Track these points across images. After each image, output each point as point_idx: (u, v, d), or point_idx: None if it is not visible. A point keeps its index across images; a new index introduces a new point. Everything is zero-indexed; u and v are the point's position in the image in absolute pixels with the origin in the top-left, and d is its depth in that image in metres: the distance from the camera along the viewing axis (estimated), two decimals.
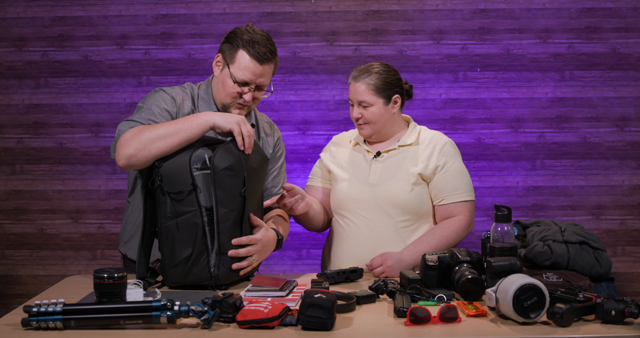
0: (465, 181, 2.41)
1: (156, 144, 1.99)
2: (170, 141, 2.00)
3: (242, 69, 2.19)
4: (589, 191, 3.51)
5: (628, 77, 3.48)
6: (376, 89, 2.36)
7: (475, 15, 3.49)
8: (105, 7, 3.52)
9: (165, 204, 2.00)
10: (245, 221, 2.04)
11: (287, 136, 3.52)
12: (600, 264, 2.06)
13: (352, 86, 2.40)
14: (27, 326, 1.67)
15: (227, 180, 1.98)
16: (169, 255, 2.01)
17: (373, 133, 2.40)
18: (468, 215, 2.36)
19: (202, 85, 2.32)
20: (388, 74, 2.39)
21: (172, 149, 2.01)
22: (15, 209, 3.59)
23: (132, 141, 2.01)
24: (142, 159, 2.00)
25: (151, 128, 2.04)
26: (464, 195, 2.37)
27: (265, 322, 1.65)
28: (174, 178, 1.99)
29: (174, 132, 2.01)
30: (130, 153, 2.00)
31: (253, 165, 2.04)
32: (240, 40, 2.19)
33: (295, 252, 3.55)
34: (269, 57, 2.20)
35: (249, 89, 2.21)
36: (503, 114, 3.51)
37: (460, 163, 2.43)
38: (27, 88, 3.56)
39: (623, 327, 1.65)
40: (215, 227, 1.99)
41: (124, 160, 2.01)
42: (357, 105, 2.38)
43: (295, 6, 3.51)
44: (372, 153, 2.42)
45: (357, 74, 2.39)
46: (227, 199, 1.99)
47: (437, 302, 1.85)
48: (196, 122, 2.02)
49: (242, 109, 2.25)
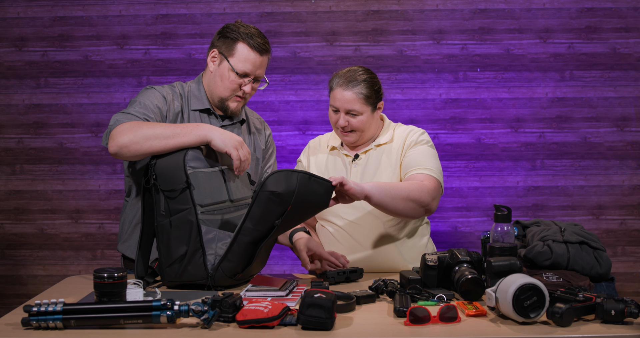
0: (433, 162, 2.33)
1: (150, 142, 2.02)
2: (164, 143, 2.02)
3: (243, 60, 2.24)
4: (589, 191, 3.51)
5: (628, 77, 3.48)
6: (366, 99, 2.33)
7: (476, 15, 3.49)
8: (105, 7, 3.52)
9: (160, 203, 2.02)
10: (263, 247, 2.02)
11: (287, 136, 3.52)
12: (600, 264, 2.06)
13: (337, 92, 2.34)
14: (27, 326, 1.67)
15: (268, 203, 1.94)
16: (165, 253, 2.02)
17: (358, 139, 2.39)
18: (432, 184, 2.26)
19: (192, 83, 2.35)
20: (374, 80, 2.37)
21: (163, 150, 2.03)
22: (15, 209, 3.59)
23: (128, 132, 2.03)
24: (132, 151, 2.03)
25: (150, 125, 2.06)
26: (431, 171, 2.29)
27: (265, 322, 1.65)
28: (168, 176, 2.00)
29: (170, 135, 2.03)
30: (123, 143, 2.02)
31: (301, 204, 1.97)
32: (238, 34, 2.24)
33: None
34: (267, 48, 2.27)
35: (248, 80, 2.25)
36: (503, 114, 3.51)
37: (431, 149, 2.38)
38: (27, 88, 3.56)
39: (623, 326, 1.65)
40: (234, 235, 1.99)
41: (115, 148, 2.04)
42: (345, 113, 2.34)
43: (295, 6, 3.51)
44: (351, 157, 2.42)
45: (344, 81, 2.33)
46: (257, 218, 1.96)
47: (437, 302, 1.85)
48: (195, 133, 2.04)
49: (240, 101, 2.30)
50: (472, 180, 3.53)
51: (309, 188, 1.95)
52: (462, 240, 3.53)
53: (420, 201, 2.20)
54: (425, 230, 2.46)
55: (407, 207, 2.19)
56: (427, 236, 2.46)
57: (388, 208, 2.18)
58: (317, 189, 1.97)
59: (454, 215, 3.53)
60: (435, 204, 2.27)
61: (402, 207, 2.18)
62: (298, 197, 1.93)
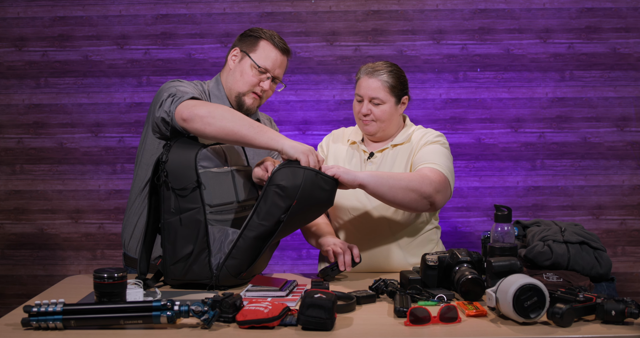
0: (443, 160, 2.27)
1: (223, 123, 1.99)
2: (236, 129, 1.99)
3: (265, 56, 2.30)
4: (589, 191, 3.51)
5: (628, 77, 3.48)
6: (391, 88, 2.34)
7: (475, 15, 3.49)
8: (105, 7, 3.52)
9: (170, 200, 2.02)
10: (270, 244, 2.01)
11: (287, 136, 3.51)
12: (600, 264, 2.06)
13: (364, 80, 2.35)
14: (27, 326, 1.67)
15: (274, 197, 1.95)
16: (170, 251, 2.02)
17: (378, 130, 2.39)
18: (436, 176, 2.19)
19: (211, 83, 2.38)
20: (400, 74, 2.39)
21: (227, 137, 2.01)
22: (15, 209, 3.59)
23: (207, 105, 2.04)
24: (204, 124, 2.00)
25: (226, 109, 2.06)
26: (438, 166, 2.24)
27: (265, 322, 1.65)
28: (179, 174, 2.00)
29: (246, 125, 2.00)
30: (200, 113, 2.00)
31: (306, 200, 1.96)
32: (262, 33, 2.33)
33: (295, 252, 3.55)
34: (288, 49, 2.36)
35: (267, 77, 2.30)
36: (503, 114, 3.51)
37: (443, 148, 2.34)
38: (27, 88, 3.56)
39: (623, 327, 1.65)
40: (241, 230, 1.99)
41: (189, 114, 2.01)
42: (368, 101, 2.35)
43: (295, 6, 3.51)
44: (367, 154, 2.42)
45: (371, 70, 2.35)
46: (264, 212, 1.97)
47: (437, 302, 1.85)
48: (269, 135, 2.01)
49: (257, 99, 2.33)
50: (472, 180, 3.53)
51: (314, 184, 1.96)
52: (462, 240, 3.53)
53: (421, 192, 2.12)
54: (434, 235, 2.44)
55: (407, 197, 2.12)
56: (435, 241, 2.44)
57: (386, 198, 2.11)
58: (323, 186, 1.98)
59: (454, 215, 3.53)
60: (440, 197, 2.19)
61: (402, 197, 2.11)
62: (303, 192, 1.94)
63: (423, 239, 2.39)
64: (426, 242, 2.40)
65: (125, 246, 2.35)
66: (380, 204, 2.32)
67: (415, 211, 2.28)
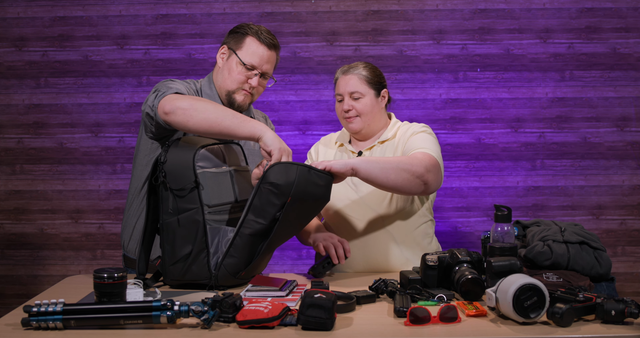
0: (431, 145, 2.30)
1: (205, 115, 2.00)
2: (219, 120, 2.00)
3: (251, 53, 2.28)
4: (589, 191, 3.51)
5: (628, 77, 3.48)
6: (368, 80, 2.40)
7: (475, 15, 3.49)
8: (105, 7, 3.52)
9: (168, 201, 2.01)
10: (265, 246, 2.01)
11: (287, 136, 3.52)
12: (600, 264, 2.06)
13: (341, 79, 2.42)
14: (27, 326, 1.67)
15: (268, 195, 1.95)
16: (169, 251, 2.02)
17: (363, 126, 2.40)
18: (425, 157, 2.20)
19: (204, 81, 2.36)
20: (376, 68, 2.46)
21: (210, 129, 2.01)
22: (15, 209, 3.59)
23: (189, 99, 2.04)
24: (186, 116, 2.00)
25: (210, 101, 2.07)
26: (427, 150, 2.26)
27: (265, 322, 1.65)
28: (177, 175, 2.00)
29: (229, 116, 2.01)
30: (181, 106, 2.01)
31: (301, 196, 1.96)
32: (248, 29, 2.30)
33: (295, 252, 3.55)
34: (275, 43, 2.32)
35: (255, 74, 2.28)
36: (503, 114, 3.51)
37: (430, 136, 2.37)
38: (27, 88, 3.56)
39: (623, 327, 1.65)
40: (237, 228, 1.99)
41: (171, 107, 2.02)
42: (348, 97, 2.39)
43: (295, 6, 3.51)
44: (356, 153, 2.43)
45: (347, 68, 2.43)
46: (258, 210, 1.97)
47: (437, 302, 1.85)
48: (250, 124, 2.00)
49: (247, 96, 2.31)
50: (472, 180, 3.53)
51: (308, 180, 1.96)
52: (462, 240, 3.53)
53: (412, 171, 2.12)
54: (429, 229, 2.45)
55: (400, 177, 2.11)
56: (431, 235, 2.46)
57: (379, 180, 2.10)
58: (317, 182, 1.98)
59: (454, 215, 3.53)
60: (432, 177, 2.18)
61: (394, 178, 2.10)
62: (297, 189, 1.94)
63: (419, 233, 2.39)
64: (422, 236, 2.40)
65: (124, 247, 2.35)
66: (373, 200, 2.33)
67: (410, 194, 2.28)
